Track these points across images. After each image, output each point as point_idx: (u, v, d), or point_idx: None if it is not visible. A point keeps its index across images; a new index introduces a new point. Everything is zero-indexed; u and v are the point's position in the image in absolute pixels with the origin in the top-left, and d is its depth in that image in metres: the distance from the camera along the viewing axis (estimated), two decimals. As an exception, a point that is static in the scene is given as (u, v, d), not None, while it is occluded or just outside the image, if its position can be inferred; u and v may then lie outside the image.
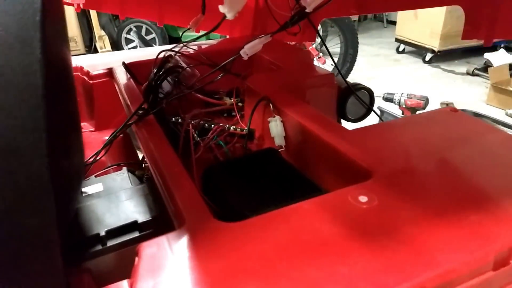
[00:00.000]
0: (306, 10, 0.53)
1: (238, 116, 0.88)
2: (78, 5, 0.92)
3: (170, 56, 0.96)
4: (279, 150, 0.70)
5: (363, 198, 0.44)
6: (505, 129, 1.68)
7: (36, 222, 0.29)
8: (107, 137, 1.11)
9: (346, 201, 0.44)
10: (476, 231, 0.41)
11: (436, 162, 0.52)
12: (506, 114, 2.93)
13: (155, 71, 0.91)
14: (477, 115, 1.84)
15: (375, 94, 0.95)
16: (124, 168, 0.85)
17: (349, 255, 0.37)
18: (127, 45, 4.40)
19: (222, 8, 0.53)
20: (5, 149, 0.27)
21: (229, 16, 0.53)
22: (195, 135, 0.77)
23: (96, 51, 4.21)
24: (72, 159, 0.47)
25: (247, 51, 0.58)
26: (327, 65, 3.72)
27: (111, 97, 1.03)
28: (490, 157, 0.53)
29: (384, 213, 0.43)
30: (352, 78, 3.74)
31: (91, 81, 1.02)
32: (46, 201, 0.29)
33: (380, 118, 1.83)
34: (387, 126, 0.63)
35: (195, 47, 1.18)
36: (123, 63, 1.00)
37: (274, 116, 0.72)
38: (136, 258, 0.39)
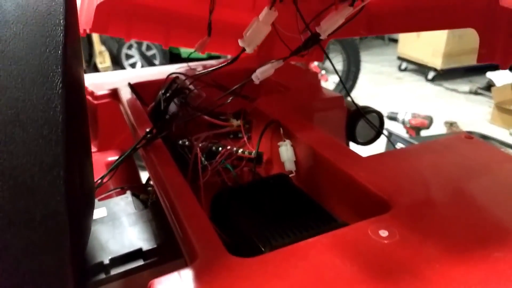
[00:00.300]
0: (321, 37, 0.52)
1: (245, 138, 0.87)
2: (84, 30, 0.92)
3: (177, 77, 0.96)
4: (290, 175, 0.68)
5: (383, 233, 0.42)
6: (512, 151, 1.67)
7: (52, 260, 0.27)
8: (110, 158, 1.10)
9: (366, 236, 0.42)
10: (501, 268, 0.39)
11: (456, 193, 0.50)
12: (510, 133, 2.92)
13: (163, 92, 0.90)
14: (484, 137, 1.83)
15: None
16: (128, 192, 0.84)
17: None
18: (127, 60, 4.41)
19: (241, 43, 0.53)
20: (23, 187, 0.26)
21: (249, 50, 0.53)
22: (203, 158, 0.75)
23: (95, 66, 4.23)
24: (85, 187, 0.45)
25: (259, 75, 0.57)
26: (330, 83, 3.73)
27: (115, 118, 1.02)
28: (511, 188, 0.51)
29: (406, 249, 0.41)
30: (354, 95, 3.75)
31: (95, 102, 1.01)
32: (62, 239, 0.27)
33: (389, 140, 1.82)
34: (402, 154, 0.62)
35: (200, 68, 1.18)
36: (129, 84, 1.00)
37: (284, 140, 0.71)
38: (147, 296, 0.37)
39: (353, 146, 0.95)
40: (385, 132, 1.84)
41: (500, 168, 0.56)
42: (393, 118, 2.65)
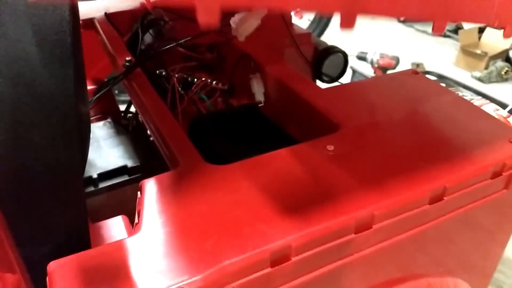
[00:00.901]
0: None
1: (219, 71, 0.93)
2: None
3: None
4: (259, 105, 0.76)
5: (330, 147, 0.52)
6: (464, 90, 1.80)
7: (67, 155, 0.35)
8: (88, 87, 1.14)
9: (316, 150, 0.52)
10: (419, 173, 0.50)
11: (395, 118, 0.60)
12: (472, 76, 3.07)
13: (139, 23, 0.93)
14: (441, 77, 1.94)
15: (349, 52, 1.01)
16: (110, 118, 0.90)
17: (314, 189, 0.46)
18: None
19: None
20: (42, 96, 0.33)
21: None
22: (179, 88, 0.82)
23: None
24: (85, 105, 0.52)
25: (243, 33, 0.63)
26: (304, 20, 3.71)
27: (91, 48, 1.04)
28: (440, 114, 0.62)
29: (346, 159, 0.51)
30: (327, 35, 3.76)
31: (72, 31, 1.03)
32: (73, 139, 0.35)
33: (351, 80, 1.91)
34: (356, 86, 0.71)
35: (176, -1, 1.19)
36: (105, 14, 1.01)
37: (255, 73, 0.78)
38: (139, 193, 0.46)
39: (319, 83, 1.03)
40: (349, 70, 1.93)
41: (437, 99, 0.67)
42: (362, 58, 2.73)
